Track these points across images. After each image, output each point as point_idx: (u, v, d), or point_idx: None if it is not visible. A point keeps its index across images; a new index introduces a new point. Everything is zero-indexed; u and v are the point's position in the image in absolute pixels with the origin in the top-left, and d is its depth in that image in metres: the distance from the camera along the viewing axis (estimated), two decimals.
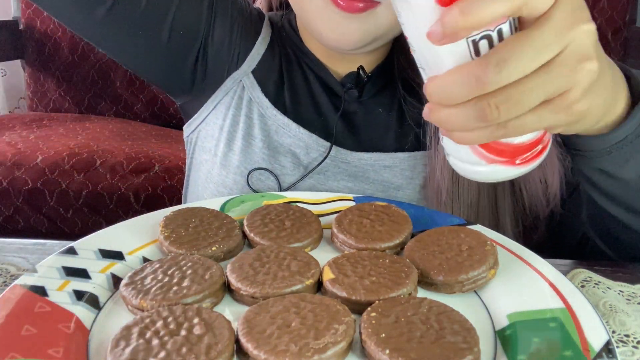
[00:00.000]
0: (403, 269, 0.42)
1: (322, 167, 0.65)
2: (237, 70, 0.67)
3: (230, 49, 0.66)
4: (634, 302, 0.45)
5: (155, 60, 0.64)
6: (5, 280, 0.46)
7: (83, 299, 0.40)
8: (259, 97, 0.67)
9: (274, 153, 0.65)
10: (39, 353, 0.34)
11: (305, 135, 0.65)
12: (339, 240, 0.49)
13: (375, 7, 0.55)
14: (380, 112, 0.67)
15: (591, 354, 0.34)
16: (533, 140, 0.38)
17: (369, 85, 0.67)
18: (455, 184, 0.62)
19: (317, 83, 0.68)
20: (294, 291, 0.40)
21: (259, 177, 0.64)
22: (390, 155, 0.65)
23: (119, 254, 0.46)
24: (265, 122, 0.66)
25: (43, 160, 1.50)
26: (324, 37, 0.59)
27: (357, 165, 0.65)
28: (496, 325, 0.39)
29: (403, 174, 0.65)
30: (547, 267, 0.44)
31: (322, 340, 0.34)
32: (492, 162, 0.38)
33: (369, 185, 0.65)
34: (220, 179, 0.66)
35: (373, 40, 0.59)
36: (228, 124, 0.67)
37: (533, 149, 0.39)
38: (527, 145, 0.38)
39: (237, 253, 0.48)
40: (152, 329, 0.35)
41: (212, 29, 0.65)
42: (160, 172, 1.49)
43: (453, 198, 0.62)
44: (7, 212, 1.50)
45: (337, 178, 0.65)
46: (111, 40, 0.62)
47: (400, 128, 0.67)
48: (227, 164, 0.66)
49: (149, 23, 0.60)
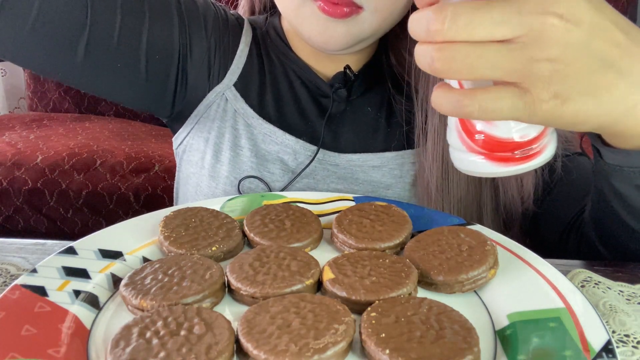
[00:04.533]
0: (403, 269, 0.42)
1: (311, 170, 0.65)
2: (219, 84, 0.67)
3: (210, 66, 0.66)
4: (634, 302, 0.45)
5: (139, 88, 0.64)
6: (5, 280, 0.46)
7: (83, 299, 0.40)
8: (243, 108, 0.67)
9: (262, 161, 0.66)
10: (39, 353, 0.34)
11: (291, 141, 0.66)
12: (339, 240, 0.49)
13: (359, 12, 0.56)
14: (369, 111, 0.68)
15: (591, 354, 0.34)
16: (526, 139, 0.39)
17: (357, 84, 0.67)
18: (445, 180, 0.62)
19: (303, 88, 0.68)
20: (294, 291, 0.40)
21: (249, 185, 0.65)
22: (378, 155, 0.66)
23: (119, 254, 0.46)
24: (252, 131, 0.66)
25: (43, 160, 1.50)
26: (312, 40, 0.60)
27: (346, 167, 0.66)
28: (496, 325, 0.39)
29: (392, 173, 0.66)
30: (547, 267, 0.44)
31: (322, 340, 0.34)
32: (473, 151, 0.39)
33: (359, 186, 0.65)
34: (209, 190, 0.67)
35: (358, 42, 0.60)
36: (214, 135, 0.67)
37: (521, 149, 0.39)
38: (515, 143, 0.39)
39: (237, 253, 0.48)
40: (152, 329, 0.35)
41: (189, 46, 0.64)
42: (160, 172, 1.49)
43: (443, 194, 0.62)
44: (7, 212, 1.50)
45: (326, 181, 0.66)
46: (95, 80, 0.62)
47: (389, 127, 0.68)
48: (216, 175, 0.67)
49: (125, 54, 0.60)
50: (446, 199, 0.62)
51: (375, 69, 0.69)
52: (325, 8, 0.56)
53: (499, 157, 0.40)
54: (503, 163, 0.40)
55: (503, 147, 0.39)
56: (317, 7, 0.56)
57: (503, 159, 0.40)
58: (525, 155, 0.40)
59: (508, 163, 0.40)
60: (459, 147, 0.40)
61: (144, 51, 0.61)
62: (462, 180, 0.62)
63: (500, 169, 0.40)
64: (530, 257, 0.45)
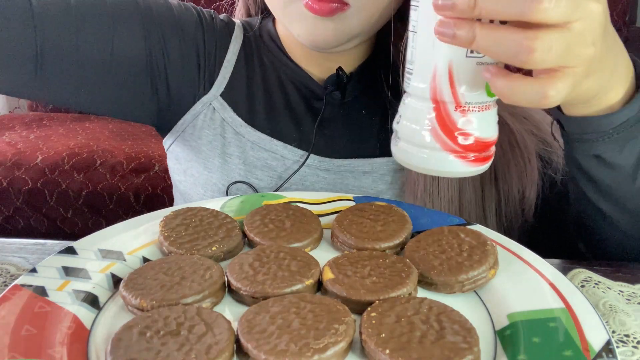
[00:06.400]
0: (403, 269, 0.42)
1: (301, 176, 0.65)
2: (205, 94, 0.67)
3: (194, 74, 0.66)
4: (634, 302, 0.45)
5: (116, 100, 0.63)
6: (5, 280, 0.46)
7: (83, 299, 0.40)
8: (231, 117, 0.66)
9: (250, 168, 0.65)
10: (39, 353, 0.34)
11: (280, 147, 0.65)
12: (339, 240, 0.49)
13: (344, 9, 0.56)
14: (363, 115, 0.67)
15: (591, 354, 0.34)
16: (494, 138, 0.40)
17: (351, 86, 0.67)
18: (435, 180, 0.62)
19: (295, 92, 0.68)
20: (294, 291, 0.40)
21: (237, 192, 0.65)
22: (369, 160, 0.66)
23: (119, 254, 0.46)
24: (240, 139, 0.66)
25: (43, 160, 1.50)
26: (301, 38, 0.60)
27: (337, 172, 0.66)
28: (496, 325, 0.39)
29: (383, 179, 0.65)
30: (547, 267, 0.44)
31: (322, 340, 0.34)
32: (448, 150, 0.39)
33: (349, 193, 0.65)
34: (198, 197, 0.68)
35: (348, 40, 0.60)
36: (202, 144, 0.67)
37: (488, 149, 0.40)
38: (490, 143, 0.40)
39: (237, 253, 0.48)
40: (152, 329, 0.35)
41: (165, 53, 0.63)
42: (160, 172, 1.49)
43: (433, 194, 0.62)
44: (7, 212, 1.50)
45: (315, 187, 0.66)
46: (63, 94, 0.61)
47: (383, 131, 0.67)
48: (205, 183, 0.67)
49: (93, 67, 0.59)
50: (437, 198, 0.62)
51: (371, 70, 0.68)
52: (312, 6, 0.55)
53: (475, 158, 0.39)
54: (475, 163, 0.39)
55: (482, 147, 0.39)
56: (304, 5, 0.56)
57: (477, 159, 0.39)
58: (487, 156, 0.40)
59: (477, 163, 0.39)
60: (430, 146, 0.39)
61: (108, 63, 0.59)
62: (452, 182, 0.62)
63: (470, 168, 0.39)
64: (530, 257, 0.45)
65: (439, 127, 0.38)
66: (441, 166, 0.39)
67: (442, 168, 0.39)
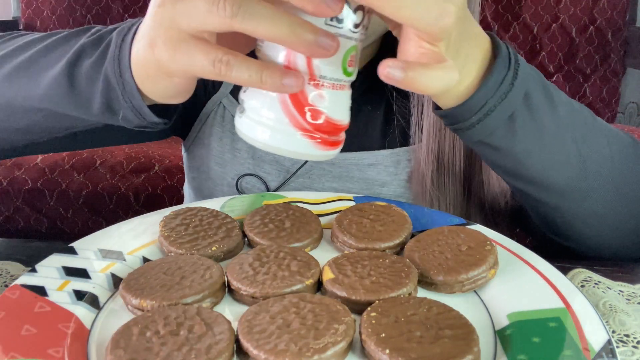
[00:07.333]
0: (403, 269, 0.42)
1: (307, 170, 0.66)
2: (215, 93, 0.68)
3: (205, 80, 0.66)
4: (634, 302, 0.45)
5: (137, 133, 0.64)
6: (5, 280, 0.46)
7: (83, 299, 0.40)
8: None
9: (259, 162, 0.67)
10: (39, 353, 0.34)
11: None
12: (339, 240, 0.49)
13: None
14: (368, 110, 0.68)
15: (591, 354, 0.34)
16: (346, 122, 0.40)
17: (358, 83, 0.67)
18: (441, 174, 0.62)
19: None
20: (294, 291, 0.40)
21: (246, 185, 0.66)
22: (374, 153, 0.66)
23: (119, 254, 0.46)
24: None
25: (43, 160, 1.50)
26: None
27: (342, 165, 0.66)
28: (496, 325, 0.39)
29: (387, 170, 0.66)
30: (547, 267, 0.44)
31: (322, 340, 0.34)
32: (299, 128, 0.37)
33: (354, 184, 0.66)
34: (209, 192, 0.69)
35: None
36: (213, 140, 0.68)
37: (340, 133, 0.40)
38: (343, 127, 0.39)
39: (237, 253, 0.48)
40: (152, 328, 0.35)
41: None
42: (160, 172, 1.49)
43: (439, 187, 0.63)
44: (7, 212, 1.50)
45: (321, 180, 0.66)
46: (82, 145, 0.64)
47: (386, 125, 0.68)
48: (215, 177, 0.68)
49: None
50: (442, 192, 0.63)
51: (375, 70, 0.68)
52: None
53: (322, 140, 0.37)
54: (324, 146, 0.38)
55: (332, 129, 0.38)
56: None
57: (326, 142, 0.38)
58: (336, 141, 0.39)
59: (326, 146, 0.38)
60: (279, 119, 0.36)
61: None
62: (457, 173, 0.63)
63: (317, 151, 0.38)
64: (530, 257, 0.45)
65: (289, 98, 0.36)
66: (287, 144, 0.37)
67: (288, 146, 0.37)
